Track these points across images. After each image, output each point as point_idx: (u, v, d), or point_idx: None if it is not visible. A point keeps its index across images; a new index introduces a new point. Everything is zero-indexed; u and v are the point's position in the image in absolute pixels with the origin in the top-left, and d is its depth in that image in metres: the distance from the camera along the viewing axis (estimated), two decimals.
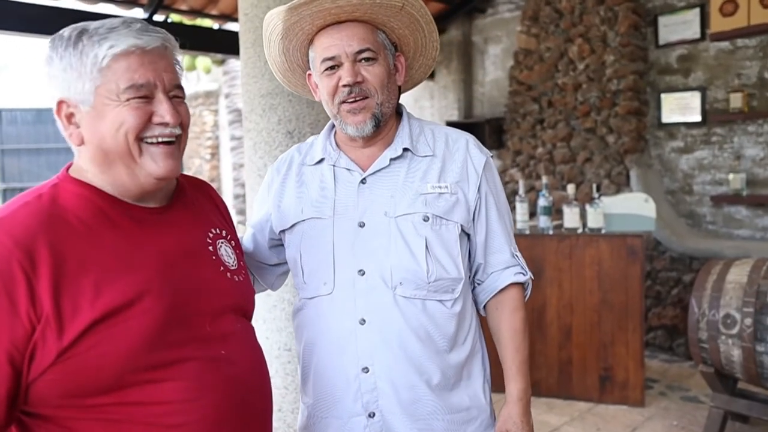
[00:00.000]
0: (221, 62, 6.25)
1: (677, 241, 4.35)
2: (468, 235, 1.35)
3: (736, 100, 4.23)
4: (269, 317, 2.58)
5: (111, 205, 1.02)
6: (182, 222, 1.12)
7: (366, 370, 1.24)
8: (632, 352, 3.48)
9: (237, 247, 1.23)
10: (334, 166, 1.34)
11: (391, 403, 1.24)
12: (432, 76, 6.14)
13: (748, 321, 2.70)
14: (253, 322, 2.72)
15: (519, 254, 1.39)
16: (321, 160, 1.36)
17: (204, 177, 9.81)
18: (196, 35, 4.41)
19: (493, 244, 1.36)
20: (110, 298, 0.93)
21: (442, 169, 1.31)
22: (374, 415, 1.25)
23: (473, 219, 1.33)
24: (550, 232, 3.68)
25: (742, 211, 4.35)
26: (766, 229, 4.23)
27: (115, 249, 0.98)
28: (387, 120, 1.32)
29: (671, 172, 4.68)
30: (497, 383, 1.38)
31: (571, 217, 3.63)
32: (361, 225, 1.27)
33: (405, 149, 1.31)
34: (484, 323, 1.42)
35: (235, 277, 1.15)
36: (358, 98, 1.26)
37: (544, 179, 3.75)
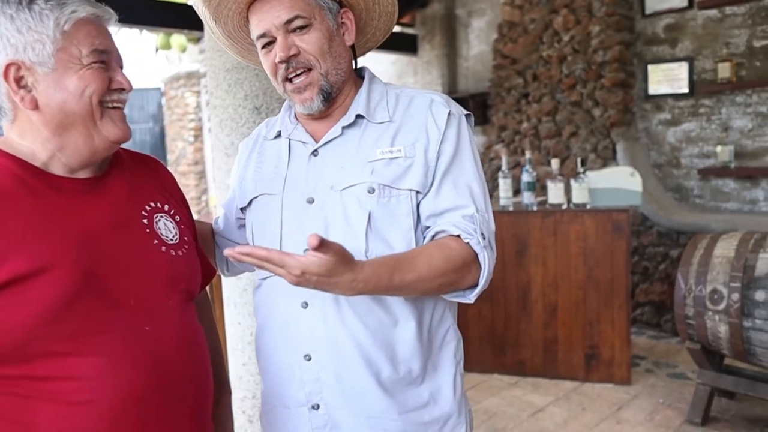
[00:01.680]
0: (197, 40, 6.06)
1: (664, 215, 4.27)
2: None
3: (725, 70, 4.12)
4: (240, 301, 2.49)
5: (32, 175, 1.00)
6: (115, 193, 1.09)
7: (308, 357, 1.15)
8: (618, 329, 3.42)
9: (183, 222, 1.18)
10: (289, 139, 1.25)
11: (335, 396, 1.14)
12: (415, 51, 6.00)
13: (735, 296, 2.63)
14: (225, 307, 2.62)
15: (479, 219, 1.11)
16: (279, 134, 1.28)
17: (188, 160, 9.63)
18: (166, 11, 4.23)
19: (440, 204, 1.14)
20: (15, 265, 0.91)
21: (397, 133, 1.16)
22: (318, 407, 1.15)
23: None
24: (534, 209, 3.59)
25: (730, 183, 4.27)
26: (754, 202, 4.16)
27: (30, 217, 0.96)
28: (341, 88, 1.20)
29: (658, 145, 4.59)
30: (482, 363, 1.25)
31: (555, 193, 3.54)
32: (310, 201, 1.17)
33: (359, 116, 1.19)
34: (461, 308, 1.29)
35: (172, 251, 1.10)
36: (299, 71, 1.16)
37: (528, 154, 3.65)
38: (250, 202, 1.27)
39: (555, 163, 3.57)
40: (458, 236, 1.09)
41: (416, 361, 1.15)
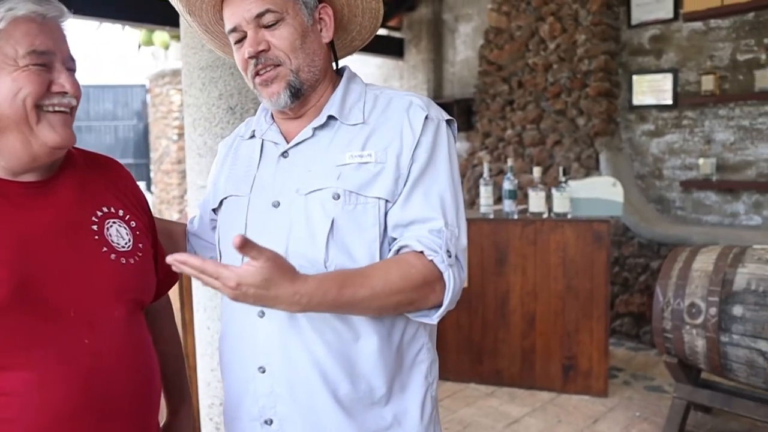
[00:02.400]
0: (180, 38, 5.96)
1: (646, 226, 4.26)
2: None
3: (708, 83, 4.12)
4: (210, 305, 2.42)
5: None
6: (62, 198, 1.03)
7: (262, 370, 1.09)
8: (596, 340, 3.39)
9: (139, 228, 1.13)
10: (263, 139, 1.20)
11: (290, 412, 1.08)
12: (401, 55, 5.96)
13: (713, 310, 2.61)
14: (195, 312, 2.55)
15: (446, 235, 1.04)
16: (254, 134, 1.23)
17: (171, 158, 9.53)
18: (141, 7, 4.15)
19: (407, 214, 1.06)
20: None
21: (370, 136, 1.10)
22: (271, 422, 1.10)
23: None
24: (515, 217, 3.55)
25: (711, 196, 4.27)
26: (735, 215, 4.16)
27: None
28: (315, 86, 1.14)
29: (641, 156, 4.58)
30: (458, 371, 1.17)
31: (536, 202, 3.51)
32: (276, 204, 1.11)
33: (331, 117, 1.13)
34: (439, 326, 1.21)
35: (122, 259, 1.05)
36: (268, 68, 1.10)
37: (510, 162, 3.62)
38: (220, 203, 1.23)
39: (537, 171, 3.54)
40: (421, 252, 1.02)
41: (379, 379, 1.08)
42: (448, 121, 1.15)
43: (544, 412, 3.23)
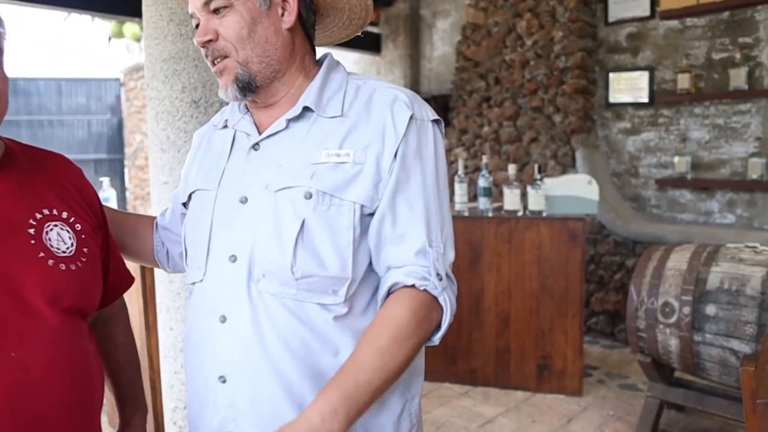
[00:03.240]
0: None
1: (622, 224, 4.25)
2: None
3: (684, 81, 4.12)
4: (173, 306, 2.34)
5: None
6: None
7: (223, 379, 1.02)
8: (571, 340, 3.36)
9: (85, 231, 1.04)
10: (235, 129, 1.13)
11: (251, 426, 1.01)
12: (378, 50, 5.90)
13: (687, 310, 2.59)
14: (158, 313, 2.47)
15: (432, 256, 0.99)
16: (227, 123, 1.16)
17: (146, 153, 9.36)
18: None
19: (394, 229, 0.99)
20: None
21: (349, 133, 1.02)
22: None
23: None
24: (490, 215, 3.51)
25: (686, 194, 4.28)
26: (709, 214, 4.16)
27: None
28: (274, 76, 1.06)
29: (618, 154, 4.57)
30: (433, 371, 1.11)
31: (511, 199, 3.47)
32: (243, 200, 1.04)
33: (306, 108, 1.05)
34: None
35: (62, 265, 0.96)
36: (218, 59, 1.04)
37: (485, 159, 3.58)
38: (189, 197, 1.16)
39: (512, 168, 3.50)
40: (413, 286, 0.97)
41: None
42: (435, 121, 1.07)
43: (518, 411, 3.20)
